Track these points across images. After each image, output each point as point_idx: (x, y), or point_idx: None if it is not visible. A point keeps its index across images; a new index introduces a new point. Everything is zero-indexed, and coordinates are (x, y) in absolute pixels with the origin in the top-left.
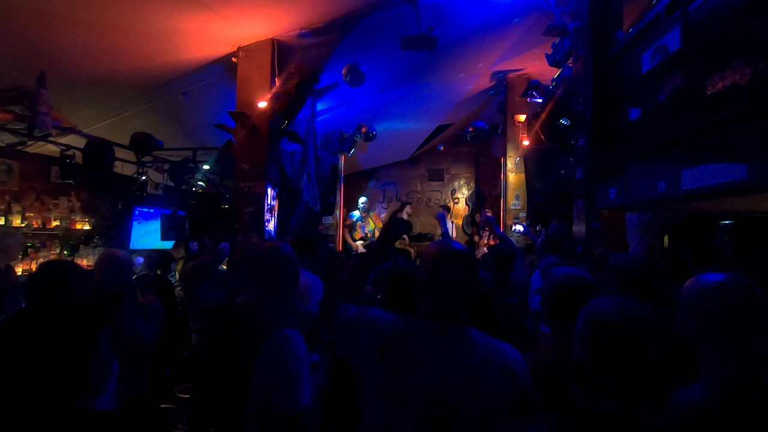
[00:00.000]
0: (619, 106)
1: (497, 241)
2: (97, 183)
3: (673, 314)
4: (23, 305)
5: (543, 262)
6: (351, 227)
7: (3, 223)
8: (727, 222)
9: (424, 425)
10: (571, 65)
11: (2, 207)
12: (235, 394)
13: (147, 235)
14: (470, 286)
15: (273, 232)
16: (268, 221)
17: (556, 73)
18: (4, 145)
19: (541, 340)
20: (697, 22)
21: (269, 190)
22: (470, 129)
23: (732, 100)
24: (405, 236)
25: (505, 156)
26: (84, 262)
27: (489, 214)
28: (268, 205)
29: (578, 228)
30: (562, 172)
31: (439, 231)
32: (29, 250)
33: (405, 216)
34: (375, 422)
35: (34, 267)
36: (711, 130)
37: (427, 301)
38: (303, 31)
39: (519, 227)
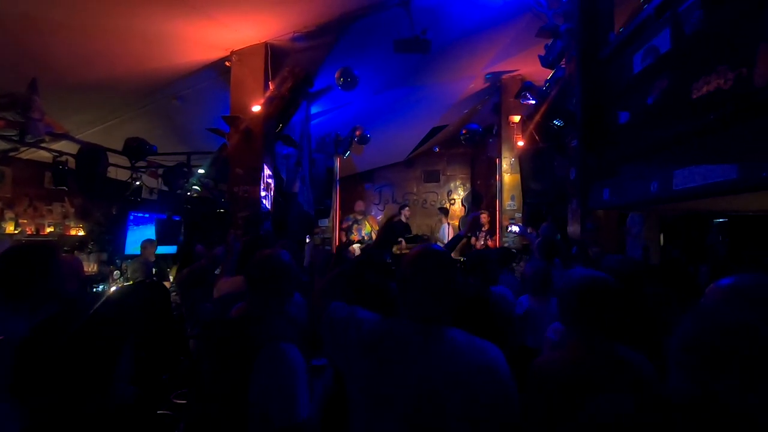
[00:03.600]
0: (609, 108)
1: (493, 243)
2: (91, 188)
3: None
4: None
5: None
6: (347, 230)
7: None
8: (720, 220)
9: (410, 423)
10: (564, 66)
11: None
12: (233, 410)
13: (142, 240)
14: (450, 286)
15: (269, 237)
16: (264, 225)
17: (550, 74)
18: None
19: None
20: (686, 25)
21: (264, 194)
22: (464, 131)
23: (717, 103)
24: (402, 239)
25: (500, 157)
26: None
27: (484, 218)
28: (263, 209)
29: (573, 228)
30: (558, 173)
31: (437, 234)
32: None
33: (404, 219)
34: (362, 421)
35: None
36: (698, 134)
37: (409, 302)
38: (296, 34)
39: (515, 228)
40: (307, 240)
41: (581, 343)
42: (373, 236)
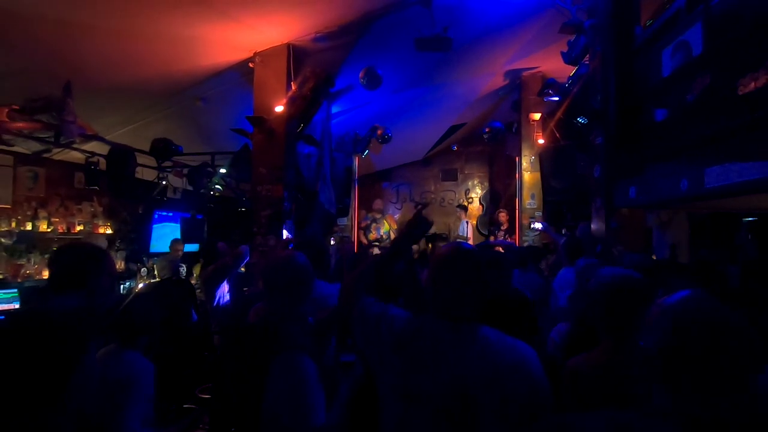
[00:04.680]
0: (641, 105)
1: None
2: (119, 188)
3: None
4: None
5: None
6: (366, 229)
7: (30, 228)
8: (750, 219)
9: (440, 420)
10: (587, 62)
11: (29, 213)
12: (250, 412)
13: (166, 239)
14: (479, 285)
15: (290, 235)
16: (286, 224)
17: (572, 70)
18: (30, 152)
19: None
20: (721, 18)
21: (286, 193)
22: (486, 129)
23: (766, 100)
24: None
25: (519, 155)
26: None
27: (503, 216)
28: (285, 207)
29: (597, 227)
30: (579, 171)
31: (456, 231)
32: None
33: None
34: (393, 418)
35: None
36: (743, 130)
37: (439, 301)
38: (318, 35)
39: (538, 225)
40: (332, 242)
41: (611, 344)
42: (392, 235)
